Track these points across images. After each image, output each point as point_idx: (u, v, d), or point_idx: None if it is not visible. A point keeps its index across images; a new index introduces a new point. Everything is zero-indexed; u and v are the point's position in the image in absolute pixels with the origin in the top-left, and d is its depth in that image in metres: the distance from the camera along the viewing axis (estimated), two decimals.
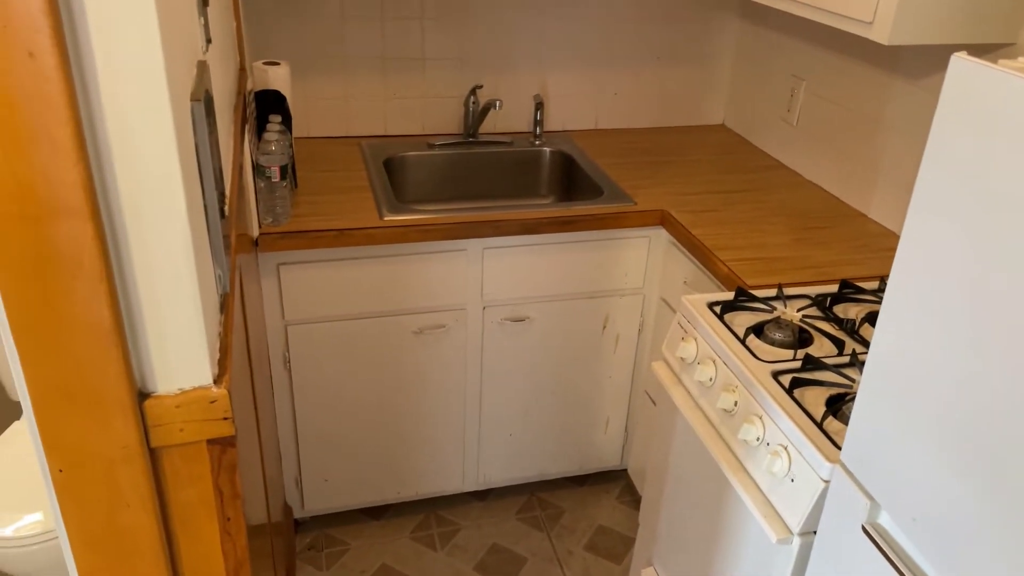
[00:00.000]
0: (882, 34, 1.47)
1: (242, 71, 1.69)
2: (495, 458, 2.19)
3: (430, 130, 2.37)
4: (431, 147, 2.26)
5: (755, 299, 1.54)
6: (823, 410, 1.26)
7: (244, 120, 1.54)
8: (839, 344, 1.42)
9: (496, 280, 1.94)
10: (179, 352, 0.77)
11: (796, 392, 1.29)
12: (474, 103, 2.27)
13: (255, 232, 1.71)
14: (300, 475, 2.04)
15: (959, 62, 0.86)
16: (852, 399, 1.26)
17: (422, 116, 2.34)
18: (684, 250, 1.88)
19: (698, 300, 1.55)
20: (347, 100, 2.27)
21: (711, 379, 1.43)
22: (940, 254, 0.90)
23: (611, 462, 2.30)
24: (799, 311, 1.51)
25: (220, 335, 0.87)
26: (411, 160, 2.24)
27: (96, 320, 0.69)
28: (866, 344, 1.45)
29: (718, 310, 1.51)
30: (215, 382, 0.80)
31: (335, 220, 1.80)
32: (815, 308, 1.54)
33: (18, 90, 0.61)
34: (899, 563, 0.98)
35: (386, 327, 1.92)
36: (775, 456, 1.23)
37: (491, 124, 2.40)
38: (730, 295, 1.57)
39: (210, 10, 1.09)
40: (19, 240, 0.65)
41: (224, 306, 0.93)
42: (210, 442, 0.81)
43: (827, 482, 1.15)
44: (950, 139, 0.88)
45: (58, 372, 0.70)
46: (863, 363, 1.30)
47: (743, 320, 1.50)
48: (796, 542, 1.20)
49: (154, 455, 0.79)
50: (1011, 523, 0.84)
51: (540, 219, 1.87)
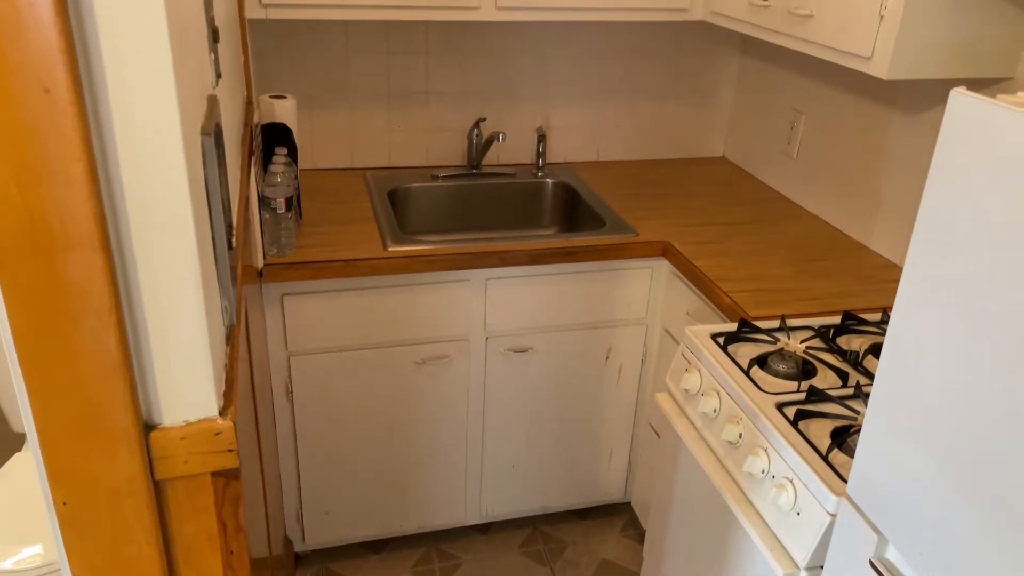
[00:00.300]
0: (881, 69, 1.49)
1: (249, 104, 1.71)
2: (497, 491, 2.18)
3: (434, 162, 2.39)
4: (435, 178, 2.28)
5: (758, 330, 1.54)
6: (828, 442, 1.25)
7: (251, 152, 1.56)
8: (843, 376, 1.42)
9: (499, 311, 1.94)
10: (185, 384, 0.77)
11: (801, 424, 1.29)
12: (477, 135, 2.30)
13: (260, 263, 1.72)
14: (301, 508, 2.02)
15: (959, 97, 0.87)
16: (857, 431, 1.26)
17: (426, 148, 2.37)
18: (686, 281, 1.89)
19: (701, 331, 1.55)
20: (352, 132, 2.29)
21: (715, 410, 1.42)
22: (943, 286, 0.91)
23: (615, 495, 2.29)
24: (802, 342, 1.51)
25: (226, 366, 0.88)
26: (415, 191, 2.26)
27: (104, 352, 0.70)
28: (870, 376, 1.44)
29: (721, 341, 1.51)
30: (220, 414, 0.80)
31: (339, 251, 1.80)
32: (818, 339, 1.54)
33: (33, 125, 0.62)
34: None
35: (389, 358, 1.92)
36: (781, 489, 1.22)
37: (494, 156, 2.42)
38: (733, 326, 1.57)
39: (220, 46, 1.11)
40: (30, 272, 0.65)
41: (230, 337, 0.93)
42: (214, 474, 0.81)
43: (833, 516, 1.14)
44: (951, 173, 0.88)
45: (65, 403, 0.70)
46: (867, 395, 1.30)
47: (746, 351, 1.50)
48: None
49: (158, 487, 0.79)
50: (1019, 558, 0.83)
51: (543, 250, 1.88)
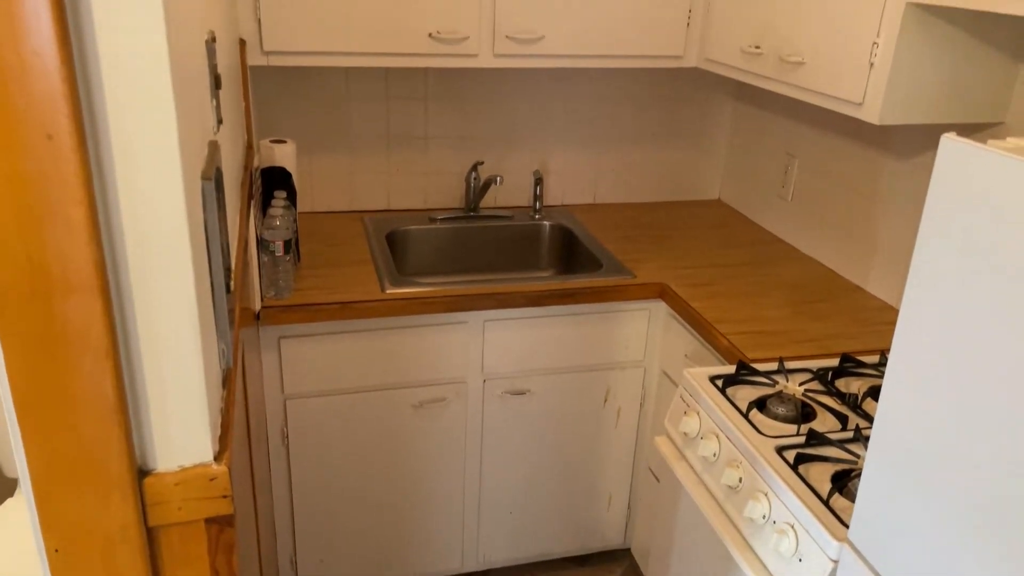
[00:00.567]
0: (872, 114, 1.52)
1: (249, 148, 1.73)
2: (495, 537, 2.14)
3: (432, 205, 2.40)
4: (433, 221, 2.29)
5: (756, 373, 1.54)
6: (829, 487, 1.24)
7: (250, 196, 1.57)
8: (842, 419, 1.41)
9: (497, 353, 1.94)
10: (181, 428, 0.76)
11: (801, 468, 1.28)
12: (475, 178, 2.32)
13: (257, 305, 1.72)
14: (295, 555, 1.99)
15: (949, 143, 0.88)
16: (858, 475, 1.25)
17: (424, 191, 2.39)
18: (684, 323, 1.89)
19: (700, 374, 1.54)
20: (351, 176, 2.31)
21: (715, 454, 1.41)
22: (940, 330, 0.91)
23: (614, 541, 2.25)
24: (801, 385, 1.51)
25: (222, 411, 0.87)
26: (413, 234, 2.27)
27: (100, 396, 0.69)
28: (869, 419, 1.44)
29: (720, 384, 1.50)
30: (215, 459, 0.79)
31: (337, 293, 1.81)
32: (817, 382, 1.53)
33: (36, 170, 0.62)
34: None
35: (386, 401, 1.90)
36: (782, 535, 1.21)
37: (492, 199, 2.44)
38: (731, 369, 1.57)
39: (222, 92, 1.12)
40: (29, 316, 0.65)
41: (226, 381, 0.93)
42: (208, 521, 0.80)
43: (836, 562, 1.12)
44: (944, 217, 0.89)
45: (60, 448, 0.70)
46: (867, 438, 1.29)
47: (745, 394, 1.49)
48: None
49: (151, 534, 0.78)
50: None
51: (541, 292, 1.88)
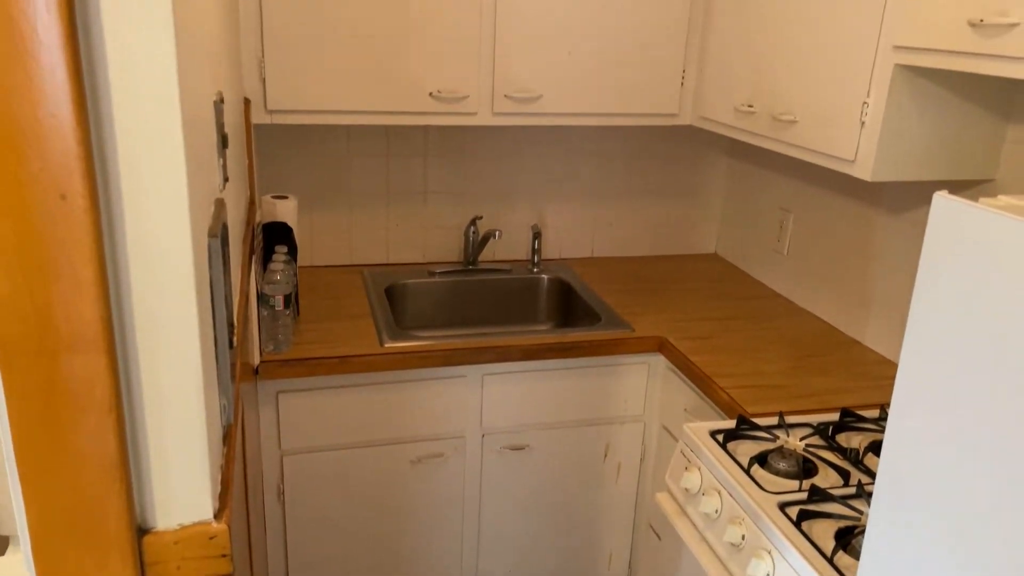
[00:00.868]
0: (864, 171, 1.55)
1: (251, 204, 1.75)
2: None
3: (431, 258, 2.42)
4: (432, 275, 2.31)
5: (757, 427, 1.53)
6: (833, 544, 1.22)
7: (252, 251, 1.59)
8: (844, 474, 1.41)
9: (495, 407, 1.93)
10: (181, 486, 0.76)
11: (804, 525, 1.27)
12: (474, 232, 2.34)
13: (256, 360, 1.72)
14: None
15: (942, 200, 0.90)
16: (861, 532, 1.24)
17: (423, 245, 2.41)
18: (683, 377, 1.89)
19: (700, 428, 1.54)
20: (350, 230, 2.34)
21: (717, 511, 1.40)
22: (939, 385, 0.91)
23: None
24: (802, 440, 1.50)
25: (222, 467, 0.87)
26: (412, 287, 2.28)
27: (102, 453, 0.69)
28: (871, 474, 1.43)
29: (721, 439, 1.50)
30: (215, 517, 0.78)
31: (336, 347, 1.81)
32: (817, 437, 1.53)
33: (48, 230, 0.63)
34: None
35: (383, 457, 1.89)
36: None
37: (490, 252, 2.46)
38: (732, 423, 1.56)
39: (227, 150, 1.14)
40: (34, 372, 0.66)
41: (227, 437, 0.93)
42: None
43: None
44: (939, 274, 0.91)
45: (60, 505, 0.69)
46: (870, 494, 1.28)
47: (746, 449, 1.49)
48: None
49: None
50: None
51: (539, 345, 1.88)
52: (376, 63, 1.90)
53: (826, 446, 1.50)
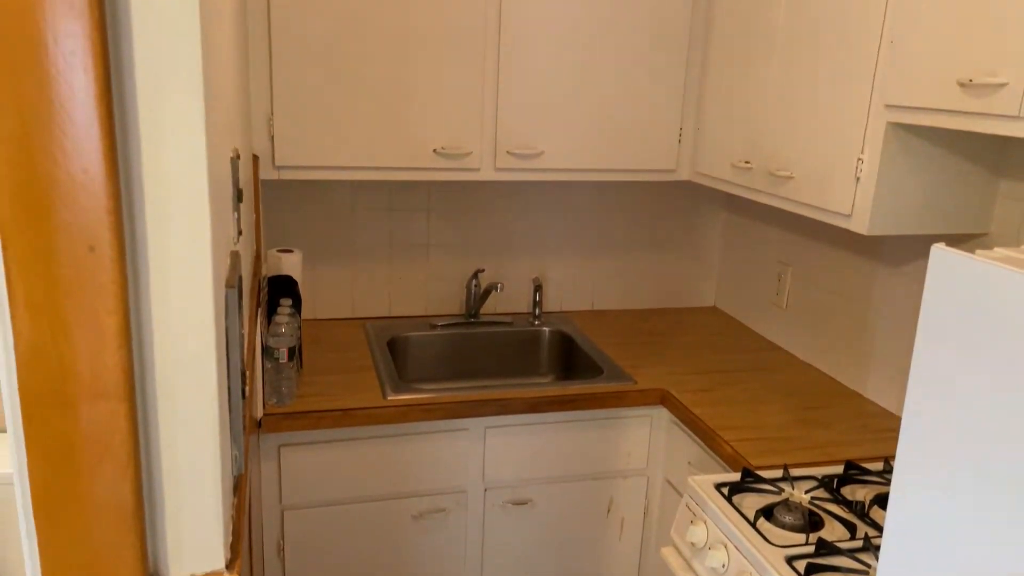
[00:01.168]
0: (861, 225, 1.58)
1: (257, 258, 1.78)
2: None
3: (433, 311, 2.44)
4: (434, 327, 2.32)
5: (762, 480, 1.53)
6: None
7: (258, 304, 1.60)
8: (850, 527, 1.40)
9: (498, 460, 1.92)
10: (194, 535, 0.76)
11: None
12: (476, 286, 2.37)
13: (259, 413, 1.72)
14: None
15: (940, 253, 0.92)
16: None
17: (425, 298, 2.43)
18: (686, 429, 1.89)
19: (705, 481, 1.53)
20: (353, 283, 2.36)
21: (724, 565, 1.39)
22: (943, 439, 0.92)
23: None
24: (807, 492, 1.50)
25: (233, 518, 0.87)
26: (414, 340, 2.29)
27: (118, 501, 0.69)
28: (878, 527, 1.42)
29: (726, 492, 1.49)
30: (227, 567, 0.78)
31: (339, 400, 1.81)
32: (823, 490, 1.52)
33: (75, 280, 0.65)
34: None
35: (384, 511, 1.87)
36: None
37: (492, 305, 2.48)
38: (737, 476, 1.56)
39: (242, 205, 1.17)
40: (56, 421, 0.67)
41: (237, 487, 0.93)
42: None
43: None
44: (939, 326, 0.92)
45: (74, 554, 0.69)
46: (878, 547, 1.27)
47: (751, 502, 1.48)
48: None
49: None
50: None
51: (541, 398, 1.89)
52: (382, 121, 1.95)
53: (832, 499, 1.49)
